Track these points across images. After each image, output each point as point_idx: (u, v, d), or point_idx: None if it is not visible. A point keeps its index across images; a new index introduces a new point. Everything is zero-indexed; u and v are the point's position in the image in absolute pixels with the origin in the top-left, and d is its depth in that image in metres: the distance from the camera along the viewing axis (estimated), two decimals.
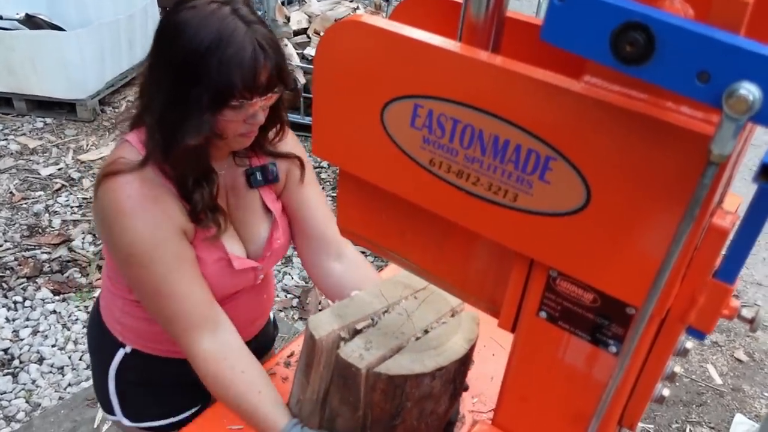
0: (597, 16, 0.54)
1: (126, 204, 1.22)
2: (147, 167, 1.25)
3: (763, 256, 4.18)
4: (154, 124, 1.24)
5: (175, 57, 1.18)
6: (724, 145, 0.51)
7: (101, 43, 4.96)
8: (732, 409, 3.08)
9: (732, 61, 0.49)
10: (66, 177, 4.32)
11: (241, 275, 1.42)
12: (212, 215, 1.31)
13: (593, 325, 0.76)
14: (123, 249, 1.25)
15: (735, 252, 0.65)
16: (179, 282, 1.26)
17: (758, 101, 0.49)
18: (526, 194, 0.71)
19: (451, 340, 1.11)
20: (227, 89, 1.17)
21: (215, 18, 1.16)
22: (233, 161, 1.42)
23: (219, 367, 1.27)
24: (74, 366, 3.02)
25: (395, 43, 0.74)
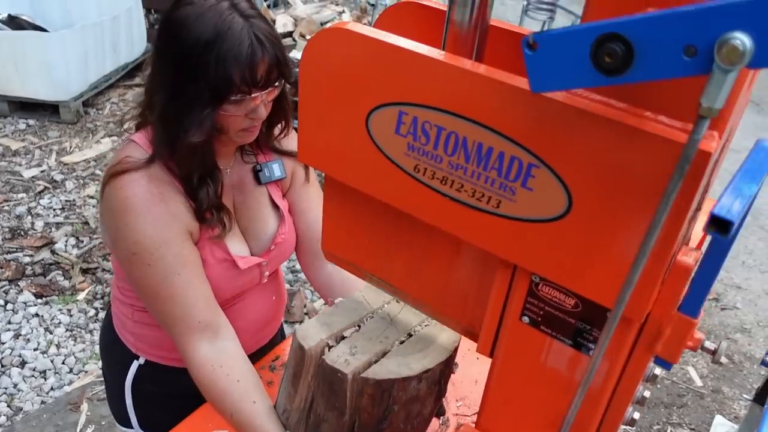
0: (570, 47, 0.56)
1: (132, 202, 1.22)
2: (154, 164, 1.26)
3: (743, 260, 4.24)
4: (157, 121, 1.25)
5: (174, 54, 1.19)
6: (714, 98, 0.51)
7: (85, 45, 4.93)
8: (712, 410, 3.12)
9: (712, 22, 0.50)
10: (49, 179, 4.28)
11: (246, 274, 1.41)
12: (217, 214, 1.31)
13: (575, 330, 0.77)
14: (127, 247, 1.25)
15: (696, 289, 0.69)
16: (180, 285, 1.26)
17: (749, 48, 0.49)
18: (509, 201, 0.72)
19: (436, 342, 1.12)
20: (226, 84, 1.17)
21: (213, 13, 1.17)
22: (240, 159, 1.43)
23: (215, 375, 1.26)
24: (57, 370, 3.00)
25: (380, 50, 0.74)
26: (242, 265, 1.37)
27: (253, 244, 1.45)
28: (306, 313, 3.43)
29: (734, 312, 3.79)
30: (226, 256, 1.36)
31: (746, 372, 3.38)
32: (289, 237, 1.51)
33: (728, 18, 0.50)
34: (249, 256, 1.42)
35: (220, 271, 1.36)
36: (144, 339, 1.48)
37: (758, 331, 3.67)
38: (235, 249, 1.38)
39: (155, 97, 1.25)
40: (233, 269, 1.37)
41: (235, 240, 1.40)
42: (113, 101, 5.32)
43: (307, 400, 1.16)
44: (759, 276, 4.12)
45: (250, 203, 1.44)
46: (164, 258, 1.24)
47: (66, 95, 4.90)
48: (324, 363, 1.08)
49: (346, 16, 5.29)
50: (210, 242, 1.33)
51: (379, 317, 1.18)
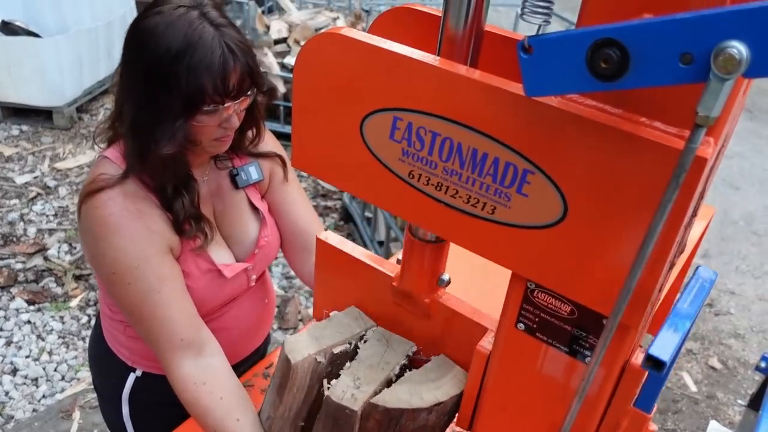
0: (567, 51, 0.56)
1: (109, 221, 1.21)
2: (128, 180, 1.24)
3: (736, 265, 4.25)
4: (127, 133, 1.23)
5: (144, 64, 1.17)
6: (710, 106, 0.51)
7: (79, 51, 4.92)
8: (706, 416, 3.12)
9: (708, 30, 0.50)
10: (42, 185, 4.27)
11: (233, 281, 1.40)
12: (196, 225, 1.29)
13: (571, 337, 0.77)
14: (107, 266, 1.24)
15: (649, 388, 0.76)
16: (161, 303, 1.24)
17: (746, 58, 0.49)
18: (504, 207, 0.71)
19: (452, 372, 1.07)
20: (198, 94, 1.16)
21: (182, 22, 1.15)
22: (215, 165, 1.42)
23: (198, 392, 1.25)
24: (49, 377, 2.98)
25: (374, 55, 0.74)
26: (228, 273, 1.36)
27: (237, 250, 1.44)
28: (300, 320, 3.42)
29: (728, 317, 3.79)
30: (210, 267, 1.34)
31: (740, 377, 3.38)
32: (272, 238, 1.50)
33: (725, 26, 0.50)
34: (234, 263, 1.41)
35: (205, 282, 1.35)
36: (139, 352, 1.47)
37: (752, 336, 3.67)
38: (219, 257, 1.36)
39: (125, 108, 1.23)
40: (219, 278, 1.36)
41: (219, 248, 1.38)
42: (107, 107, 5.31)
43: (291, 410, 1.14)
44: (752, 281, 4.13)
45: (229, 209, 1.43)
46: (144, 276, 1.23)
47: (60, 101, 4.89)
48: (330, 400, 1.06)
49: (340, 22, 5.30)
50: (193, 254, 1.32)
51: (374, 338, 1.15)
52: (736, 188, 5.02)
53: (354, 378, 1.08)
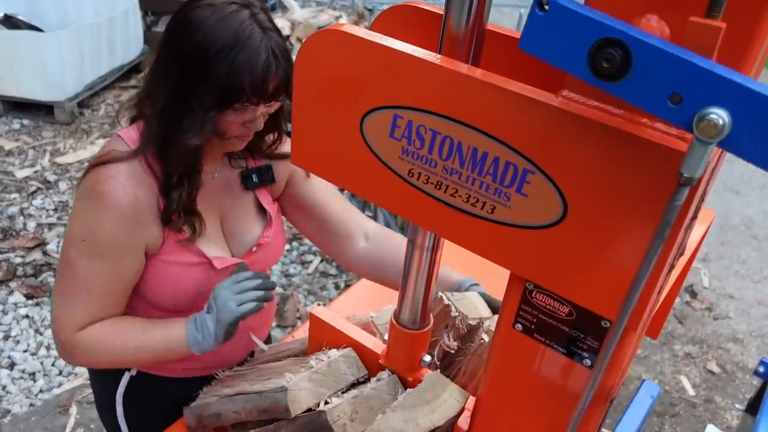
0: (576, 30, 0.55)
1: (104, 197, 1.22)
2: (135, 160, 1.25)
3: (736, 269, 4.24)
4: (155, 116, 1.23)
5: (187, 51, 1.18)
6: (694, 168, 0.51)
7: (81, 46, 4.91)
8: (704, 420, 3.11)
9: (704, 85, 0.50)
10: (42, 179, 4.26)
11: (225, 275, 1.37)
12: (186, 218, 1.29)
13: (568, 338, 0.77)
14: (80, 231, 1.25)
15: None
16: (103, 287, 1.28)
17: (727, 126, 0.49)
18: (504, 207, 0.71)
19: (445, 392, 1.07)
20: (236, 91, 1.17)
21: (234, 20, 1.17)
22: (228, 163, 1.42)
23: (113, 327, 1.30)
24: (46, 372, 2.98)
25: (375, 53, 0.74)
26: (218, 264, 1.35)
27: (235, 248, 1.43)
28: (299, 317, 3.41)
29: (727, 321, 3.79)
30: (201, 259, 1.34)
31: (738, 382, 3.38)
32: (275, 240, 1.49)
33: (716, 87, 0.50)
34: (229, 257, 1.40)
35: (196, 274, 1.34)
36: None
37: (751, 340, 3.67)
38: (211, 252, 1.36)
39: (156, 91, 1.24)
40: (210, 270, 1.35)
41: (214, 244, 1.38)
42: (108, 102, 5.30)
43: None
44: (752, 286, 4.12)
45: (236, 207, 1.43)
46: (107, 259, 1.25)
47: (61, 96, 4.88)
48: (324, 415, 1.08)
49: (343, 20, 5.29)
50: (178, 245, 1.31)
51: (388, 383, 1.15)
52: (737, 192, 5.02)
53: (353, 410, 1.08)
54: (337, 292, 3.62)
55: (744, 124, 0.50)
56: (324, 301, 3.56)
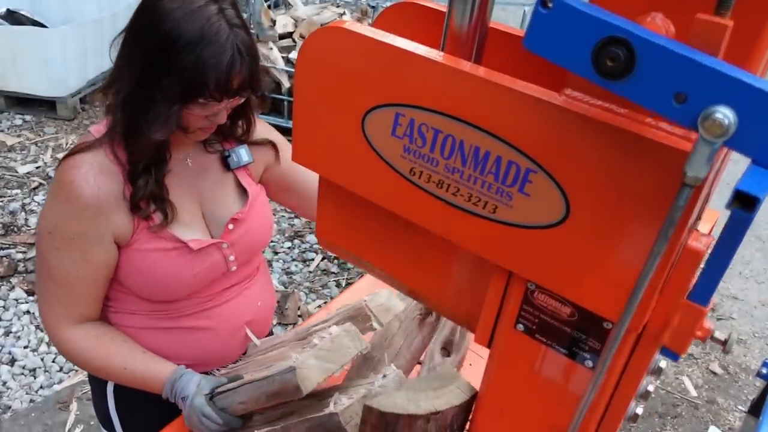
0: (580, 28, 0.54)
1: (67, 187, 1.24)
2: (101, 149, 1.27)
3: (740, 270, 4.23)
4: (119, 104, 1.24)
5: (152, 43, 1.18)
6: (699, 168, 0.51)
7: (84, 41, 4.91)
8: (706, 421, 3.10)
9: (709, 84, 0.49)
10: (44, 175, 4.26)
11: (205, 258, 1.38)
12: (156, 204, 1.30)
13: (570, 339, 0.76)
14: (48, 224, 1.28)
15: (709, 275, 0.65)
16: (78, 278, 1.30)
17: (733, 125, 0.49)
18: (506, 206, 0.70)
19: (455, 383, 1.06)
20: (199, 87, 1.17)
21: (201, 14, 1.16)
22: (204, 148, 1.43)
23: (99, 342, 1.35)
24: (47, 368, 2.98)
25: (378, 50, 0.73)
26: (194, 246, 1.35)
27: (214, 230, 1.43)
28: (300, 315, 3.41)
29: (730, 322, 3.78)
30: (176, 244, 1.34)
31: (741, 383, 3.37)
32: (253, 217, 1.47)
33: (722, 86, 0.49)
34: (206, 239, 1.40)
35: (173, 259, 1.34)
36: None
37: (754, 342, 3.66)
38: (188, 236, 1.36)
39: (121, 80, 1.24)
40: (188, 254, 1.35)
41: (191, 229, 1.38)
42: None
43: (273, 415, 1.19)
44: (755, 287, 4.11)
45: (215, 190, 1.44)
46: (74, 249, 1.27)
47: (63, 91, 4.89)
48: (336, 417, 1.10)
49: (346, 17, 5.29)
50: (149, 233, 1.31)
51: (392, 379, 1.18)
52: None
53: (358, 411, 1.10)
54: (338, 290, 3.62)
55: (750, 122, 0.49)
56: (325, 299, 3.55)
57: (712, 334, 0.72)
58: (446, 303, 0.91)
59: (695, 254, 0.65)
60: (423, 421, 1.01)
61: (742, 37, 0.56)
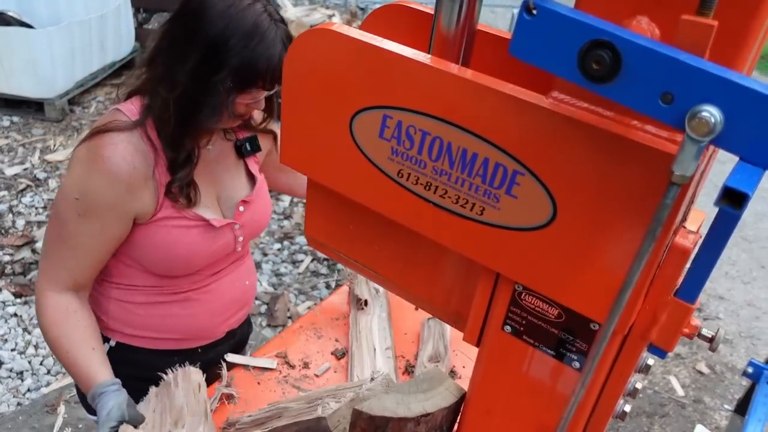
0: (565, 33, 0.55)
1: (103, 162, 1.29)
2: (135, 131, 1.33)
3: (726, 270, 4.26)
4: (174, 98, 1.30)
5: (208, 39, 1.26)
6: (686, 166, 0.51)
7: (72, 42, 4.88)
8: (693, 420, 3.12)
9: (695, 83, 0.50)
10: (31, 177, 4.23)
11: (221, 236, 1.47)
12: (186, 189, 1.38)
13: (557, 340, 0.76)
14: (74, 190, 1.31)
15: (696, 272, 0.66)
16: (89, 247, 1.35)
17: (719, 124, 0.49)
18: (493, 208, 0.71)
19: (444, 384, 1.06)
20: (253, 78, 1.28)
21: (251, 11, 1.27)
22: (224, 136, 1.54)
23: (67, 315, 1.38)
24: (34, 371, 2.95)
25: (365, 52, 0.73)
26: (216, 223, 1.44)
27: (226, 212, 1.53)
28: (289, 317, 3.40)
29: (716, 322, 3.81)
30: (198, 222, 1.42)
31: (728, 382, 3.39)
32: (259, 201, 1.58)
33: (708, 85, 0.50)
34: (223, 219, 1.50)
35: (195, 236, 1.42)
36: (118, 317, 1.51)
37: (740, 341, 3.69)
38: (208, 216, 1.45)
39: (176, 75, 1.29)
40: (210, 231, 1.44)
41: (208, 209, 1.46)
42: (99, 100, 5.27)
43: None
44: (741, 287, 4.14)
45: (229, 176, 1.54)
46: (97, 219, 1.32)
47: (51, 93, 4.85)
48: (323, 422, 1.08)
49: (335, 19, 5.29)
50: (175, 209, 1.39)
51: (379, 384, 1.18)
52: None
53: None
54: (328, 291, 3.61)
55: (737, 120, 0.50)
56: (315, 300, 3.55)
57: (700, 331, 0.73)
58: (435, 302, 0.91)
59: (682, 251, 0.65)
60: (413, 424, 1.01)
61: (728, 36, 0.56)
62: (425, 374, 1.08)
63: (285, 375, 1.60)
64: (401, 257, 0.90)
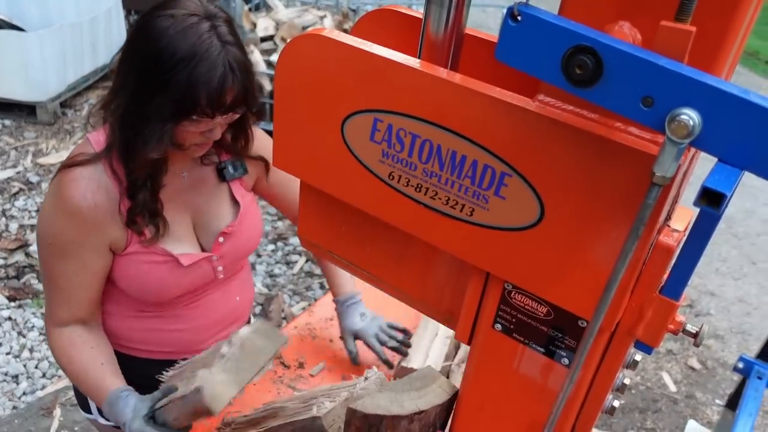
0: (549, 39, 0.56)
1: (67, 201, 1.28)
2: (99, 164, 1.29)
3: (717, 267, 4.30)
4: (116, 122, 1.26)
5: (146, 61, 1.19)
6: (666, 167, 0.53)
7: (63, 45, 4.87)
8: (685, 415, 3.15)
9: (675, 87, 0.52)
10: (24, 180, 4.23)
11: (194, 270, 1.42)
12: (150, 219, 1.33)
13: (547, 338, 0.78)
14: (47, 234, 1.33)
15: (680, 269, 0.67)
16: (76, 284, 1.36)
17: (698, 126, 0.51)
18: (483, 209, 0.72)
19: (437, 382, 1.08)
20: (191, 104, 1.18)
21: (193, 32, 1.17)
22: (200, 161, 1.44)
23: (72, 345, 1.39)
24: (29, 374, 2.96)
25: (355, 57, 0.75)
26: (185, 261, 1.39)
27: (205, 242, 1.46)
28: (284, 318, 3.41)
29: (708, 318, 3.84)
30: (166, 258, 1.37)
31: (719, 378, 3.42)
32: (244, 230, 1.50)
33: (687, 89, 0.51)
34: (196, 252, 1.44)
35: (164, 272, 1.38)
36: (109, 329, 1.50)
37: (731, 337, 3.72)
38: (178, 249, 1.39)
39: (118, 98, 1.26)
40: (178, 268, 1.39)
41: (181, 241, 1.41)
42: (91, 102, 5.26)
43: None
44: (732, 283, 4.18)
45: (208, 202, 1.46)
46: (74, 258, 1.32)
47: (43, 96, 4.85)
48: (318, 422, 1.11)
49: (327, 20, 5.29)
50: (142, 246, 1.35)
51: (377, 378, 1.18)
52: None
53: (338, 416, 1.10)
54: (322, 291, 3.62)
55: (715, 123, 0.51)
56: (309, 301, 3.56)
57: (684, 326, 0.75)
58: (427, 301, 0.93)
59: (666, 250, 0.67)
60: (407, 422, 1.02)
61: (706, 41, 0.58)
62: (418, 373, 1.09)
63: (280, 375, 1.61)
64: (393, 258, 0.91)
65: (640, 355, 0.80)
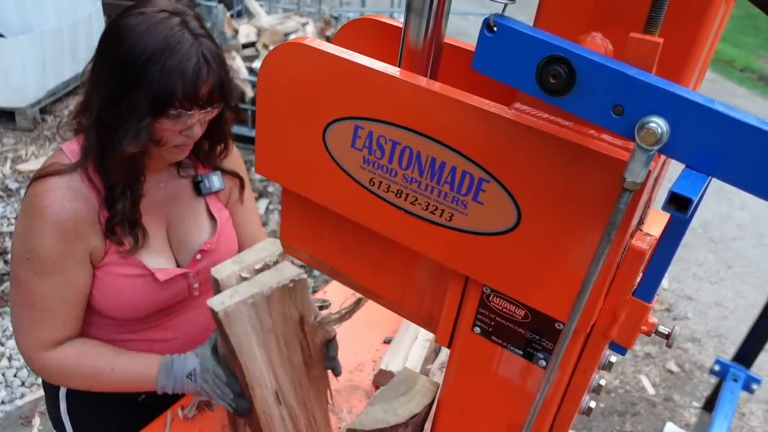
0: (524, 49, 0.58)
1: (43, 212, 1.23)
2: (75, 173, 1.26)
3: (693, 272, 4.36)
4: (91, 126, 1.24)
5: (119, 60, 1.19)
6: (636, 173, 0.55)
7: (43, 51, 4.83)
8: (664, 418, 3.19)
9: (643, 96, 0.54)
10: (3, 187, 4.18)
11: (170, 286, 1.40)
12: (129, 229, 1.30)
13: (525, 340, 0.80)
14: (24, 249, 1.26)
15: (652, 272, 0.70)
16: (60, 302, 1.29)
17: (666, 134, 0.53)
18: (461, 214, 0.74)
19: (419, 382, 1.10)
20: (168, 97, 1.17)
21: (163, 26, 1.18)
22: (177, 173, 1.43)
23: (80, 352, 1.33)
24: (8, 383, 2.92)
25: (337, 66, 0.76)
26: (161, 276, 1.36)
27: (181, 257, 1.44)
28: None
29: (685, 322, 3.89)
30: (143, 271, 1.34)
31: (696, 380, 3.47)
32: (222, 246, 1.49)
33: (655, 98, 0.54)
34: (172, 268, 1.41)
35: (139, 287, 1.35)
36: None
37: (708, 340, 3.77)
38: (155, 263, 1.37)
39: (92, 101, 1.24)
40: (153, 283, 1.36)
41: (158, 255, 1.38)
42: (71, 109, 5.21)
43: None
44: (709, 287, 4.24)
45: (185, 216, 1.44)
46: (54, 273, 1.26)
47: (22, 102, 4.80)
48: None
49: (309, 27, 5.31)
50: (120, 257, 1.32)
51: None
52: None
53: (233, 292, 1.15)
54: None
55: (682, 131, 0.54)
56: None
57: (656, 328, 0.77)
58: (408, 305, 0.94)
59: (638, 253, 0.69)
60: (403, 427, 1.05)
61: (674, 52, 0.60)
62: (398, 377, 1.11)
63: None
64: (374, 262, 0.93)
65: (616, 356, 0.83)
